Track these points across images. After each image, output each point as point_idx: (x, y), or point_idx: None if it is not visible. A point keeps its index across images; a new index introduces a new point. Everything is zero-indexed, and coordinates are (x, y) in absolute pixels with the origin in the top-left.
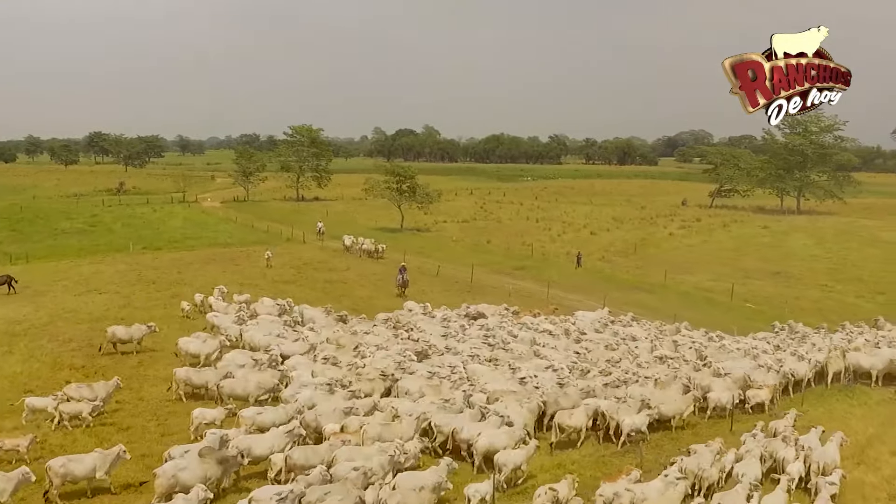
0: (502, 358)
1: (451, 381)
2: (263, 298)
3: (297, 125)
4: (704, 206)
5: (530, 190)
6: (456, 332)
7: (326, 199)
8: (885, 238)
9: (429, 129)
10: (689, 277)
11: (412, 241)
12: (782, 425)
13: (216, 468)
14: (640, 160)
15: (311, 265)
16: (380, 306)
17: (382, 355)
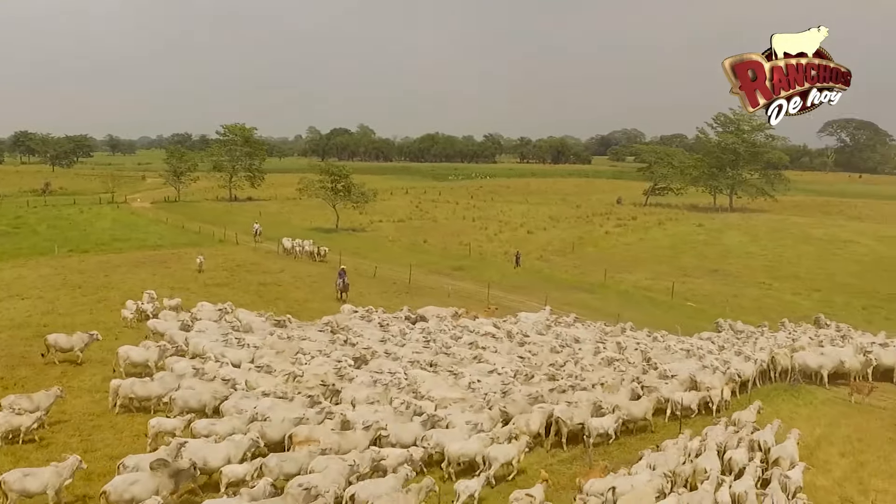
0: (443, 363)
1: (397, 388)
2: (203, 303)
3: (229, 124)
4: (639, 205)
5: (466, 189)
6: (395, 336)
7: (260, 200)
8: (816, 235)
9: (363, 128)
10: (628, 276)
11: (348, 242)
12: (745, 417)
13: (169, 481)
14: (574, 159)
15: (244, 267)
16: (316, 309)
17: (320, 362)
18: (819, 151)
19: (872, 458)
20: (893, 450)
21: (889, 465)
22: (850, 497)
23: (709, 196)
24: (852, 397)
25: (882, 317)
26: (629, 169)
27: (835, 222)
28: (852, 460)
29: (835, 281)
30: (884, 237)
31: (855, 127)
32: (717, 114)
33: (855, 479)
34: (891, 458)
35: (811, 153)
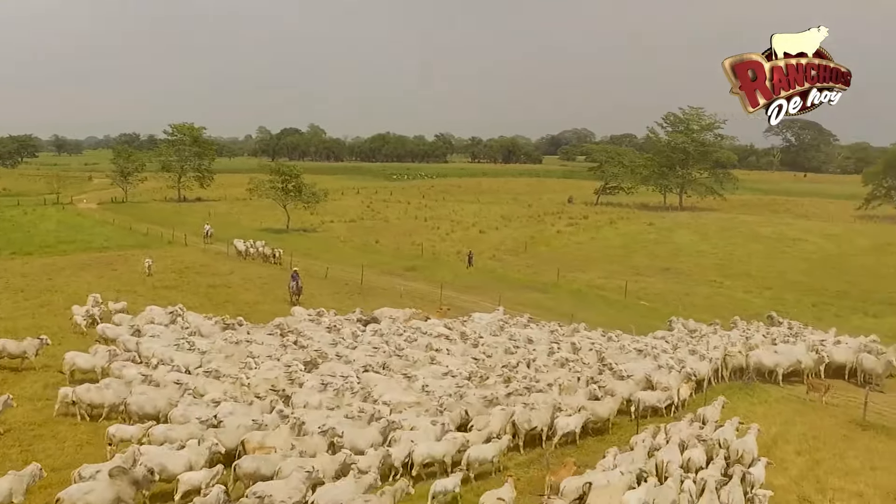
0: (395, 365)
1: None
2: (152, 307)
3: (177, 123)
4: (590, 204)
5: (417, 189)
6: (347, 338)
7: (209, 200)
8: (765, 234)
9: (314, 128)
10: (581, 275)
11: (299, 242)
12: (710, 413)
13: (128, 489)
14: (525, 159)
15: (193, 269)
16: (266, 311)
17: (270, 366)
18: (765, 151)
19: (828, 455)
20: (848, 447)
21: (844, 462)
22: (807, 496)
23: (659, 195)
24: (808, 395)
25: (832, 314)
26: (580, 168)
27: (783, 220)
28: (808, 458)
29: (785, 279)
30: (830, 235)
31: (800, 127)
32: (667, 113)
33: (812, 478)
34: (846, 455)
35: (758, 153)
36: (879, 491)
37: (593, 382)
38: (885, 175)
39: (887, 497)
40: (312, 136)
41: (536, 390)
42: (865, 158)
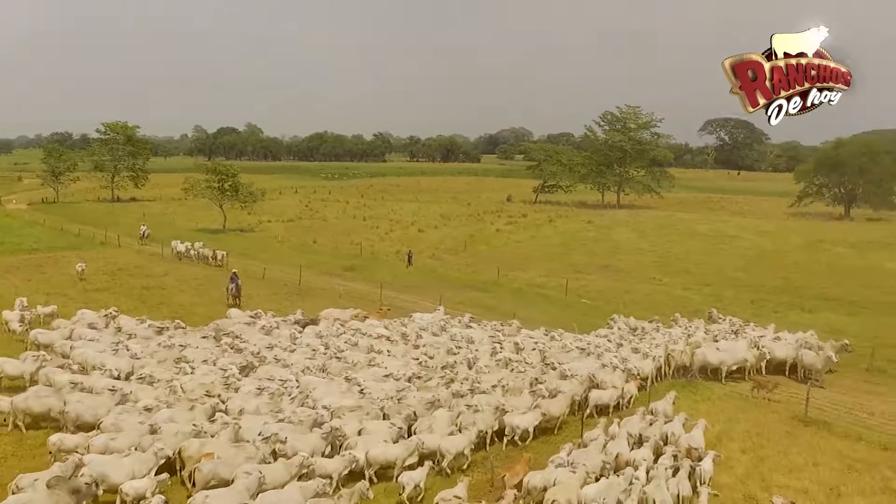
0: (334, 368)
1: (289, 397)
2: (83, 311)
3: (110, 122)
4: (529, 202)
5: (356, 188)
6: (285, 341)
7: (144, 200)
8: (701, 231)
9: (251, 127)
10: (521, 274)
11: (236, 243)
12: (662, 406)
13: (68, 499)
14: (464, 157)
15: (126, 270)
16: (202, 314)
17: (205, 371)
18: (700, 150)
19: (772, 452)
20: (791, 443)
21: (788, 459)
22: (753, 494)
23: (597, 193)
24: (755, 393)
25: (770, 309)
26: (518, 167)
27: (719, 218)
28: (753, 456)
29: (723, 275)
30: (765, 232)
31: (733, 126)
32: (605, 112)
33: (757, 476)
34: (789, 452)
35: (693, 151)
36: (823, 487)
37: (538, 383)
38: (816, 173)
39: (830, 493)
40: (249, 135)
41: (480, 391)
42: (796, 157)
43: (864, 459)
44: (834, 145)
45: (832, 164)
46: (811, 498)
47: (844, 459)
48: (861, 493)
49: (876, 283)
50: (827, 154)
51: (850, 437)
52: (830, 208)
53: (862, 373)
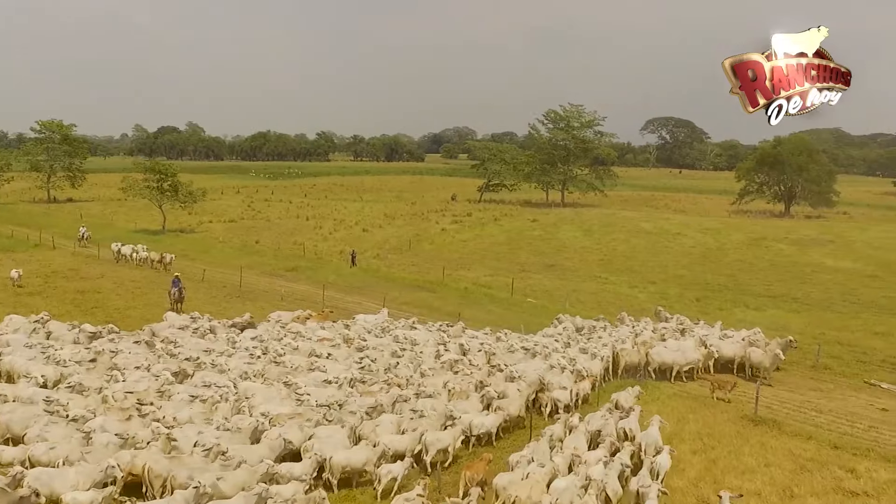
0: (272, 373)
1: (227, 404)
2: (12, 316)
3: (45, 120)
4: (473, 201)
5: (299, 187)
6: (223, 345)
7: (81, 201)
8: (646, 229)
9: (193, 126)
10: (466, 273)
11: (175, 244)
12: (624, 398)
13: None
14: (408, 157)
15: (60, 273)
16: (138, 317)
17: (137, 377)
18: (642, 148)
19: (723, 454)
20: (742, 444)
21: (739, 460)
22: (706, 498)
23: (542, 192)
24: (713, 393)
25: (715, 307)
26: (462, 166)
27: (662, 216)
28: (704, 458)
29: (668, 273)
30: (708, 229)
31: (674, 125)
32: (548, 110)
33: (709, 479)
34: (741, 453)
35: (635, 150)
36: (776, 488)
37: (483, 386)
38: (756, 171)
39: (784, 495)
40: (191, 134)
41: (425, 395)
42: (736, 155)
43: (815, 459)
44: (773, 144)
45: (772, 161)
46: (764, 500)
47: (796, 459)
48: (814, 493)
49: (817, 280)
50: (767, 152)
51: (800, 435)
52: (771, 206)
53: (808, 370)
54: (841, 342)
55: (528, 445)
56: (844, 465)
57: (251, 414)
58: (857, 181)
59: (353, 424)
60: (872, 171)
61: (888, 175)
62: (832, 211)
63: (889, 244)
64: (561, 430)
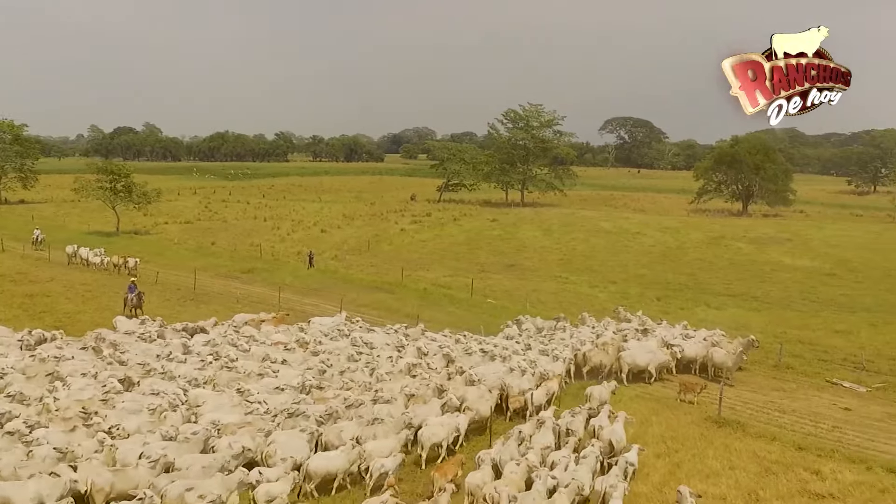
0: (222, 379)
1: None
2: None
3: None
4: (433, 201)
5: (258, 188)
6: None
7: (33, 202)
8: (605, 228)
9: (150, 126)
10: (426, 274)
11: (130, 246)
12: (598, 393)
13: None
14: (367, 157)
15: (8, 277)
16: (88, 322)
17: (82, 385)
18: (601, 148)
19: (687, 457)
20: (707, 446)
21: (704, 464)
22: (670, 503)
23: (501, 192)
24: (683, 397)
25: (676, 306)
26: (422, 166)
27: (621, 215)
28: (668, 461)
29: (628, 272)
30: (667, 228)
31: (633, 125)
32: (508, 110)
33: (674, 483)
34: (705, 456)
35: (594, 150)
36: (741, 492)
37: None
38: (714, 170)
39: (749, 498)
40: (148, 135)
41: (382, 401)
42: (693, 155)
43: (779, 461)
44: (730, 143)
45: (729, 161)
46: None
47: (761, 462)
48: (780, 497)
49: (776, 279)
50: (724, 151)
51: (764, 437)
52: (729, 204)
53: (771, 369)
54: (802, 341)
55: (496, 443)
56: (809, 466)
57: (196, 422)
58: (813, 180)
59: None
60: (827, 170)
61: (842, 174)
62: (789, 209)
63: (845, 242)
64: (531, 428)
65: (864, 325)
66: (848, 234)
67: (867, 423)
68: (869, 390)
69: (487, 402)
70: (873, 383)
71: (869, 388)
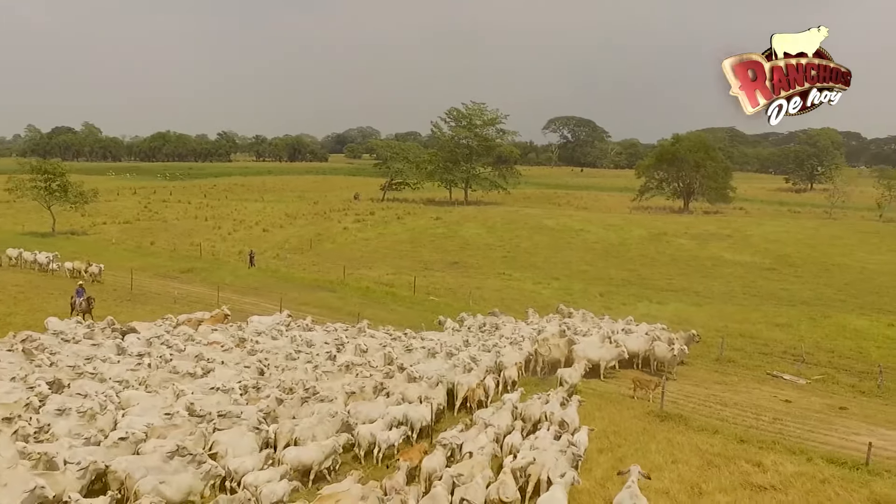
0: (155, 380)
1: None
2: None
3: None
4: (377, 200)
5: (199, 188)
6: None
7: None
8: (549, 225)
9: (89, 126)
10: (368, 272)
11: (66, 246)
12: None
13: None
14: (311, 157)
15: None
16: (19, 324)
17: (8, 389)
18: (544, 147)
19: (630, 451)
20: (649, 440)
21: (647, 458)
22: (613, 499)
23: (445, 190)
24: (635, 392)
25: (619, 302)
26: (366, 166)
27: (564, 213)
28: (611, 456)
29: (572, 269)
30: (610, 225)
31: (575, 124)
32: (450, 108)
33: (617, 479)
34: (647, 450)
35: (537, 149)
36: (684, 486)
37: (382, 388)
38: (656, 168)
39: (692, 491)
40: (87, 135)
41: (319, 400)
42: (635, 154)
43: (721, 454)
44: (672, 141)
45: (671, 158)
46: (673, 498)
47: (703, 455)
48: (722, 489)
49: (717, 274)
50: (666, 149)
51: (706, 430)
52: (671, 202)
53: (713, 363)
54: (743, 334)
55: (454, 427)
56: (751, 458)
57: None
58: (752, 178)
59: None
60: (765, 169)
61: (780, 172)
62: (729, 206)
63: (784, 238)
64: (489, 413)
65: (804, 319)
66: (787, 230)
67: (807, 415)
68: (809, 382)
69: (440, 393)
70: (813, 375)
71: (809, 380)
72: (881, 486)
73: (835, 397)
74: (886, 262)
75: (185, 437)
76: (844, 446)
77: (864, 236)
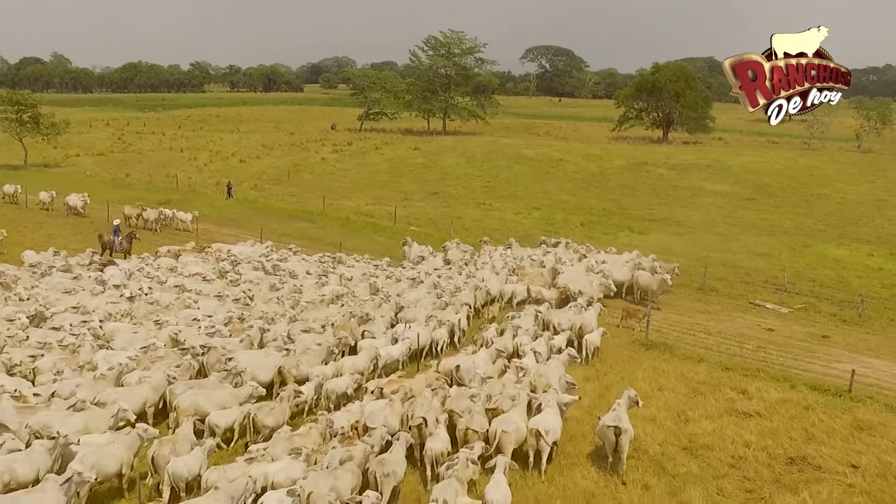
0: (139, 313)
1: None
2: None
3: None
4: (354, 130)
5: (173, 119)
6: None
7: None
8: (528, 155)
9: (58, 57)
10: (347, 203)
11: (39, 179)
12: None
13: None
14: (286, 87)
15: None
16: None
17: None
18: (522, 77)
19: (616, 379)
20: (635, 368)
21: (633, 386)
22: None
23: (423, 120)
24: (624, 322)
25: (600, 231)
26: (342, 96)
27: (543, 142)
28: (598, 384)
29: (552, 199)
30: (590, 155)
31: (554, 53)
32: (429, 37)
33: (604, 406)
34: (634, 378)
35: (515, 79)
36: (671, 413)
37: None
38: (635, 97)
39: (678, 418)
40: (56, 66)
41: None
42: (614, 83)
43: (706, 381)
44: (651, 70)
45: (650, 88)
46: (659, 425)
47: (689, 383)
48: (708, 416)
49: (697, 203)
50: (645, 79)
51: (691, 358)
52: (650, 132)
53: (696, 292)
54: (725, 264)
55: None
56: (736, 386)
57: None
58: (730, 108)
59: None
60: None
61: None
62: (708, 136)
63: (763, 168)
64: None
65: (784, 248)
66: (766, 160)
67: (790, 343)
68: (791, 311)
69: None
70: (795, 304)
71: (791, 309)
72: (864, 413)
73: (817, 326)
74: (865, 193)
75: (173, 367)
76: (827, 374)
77: (843, 167)
